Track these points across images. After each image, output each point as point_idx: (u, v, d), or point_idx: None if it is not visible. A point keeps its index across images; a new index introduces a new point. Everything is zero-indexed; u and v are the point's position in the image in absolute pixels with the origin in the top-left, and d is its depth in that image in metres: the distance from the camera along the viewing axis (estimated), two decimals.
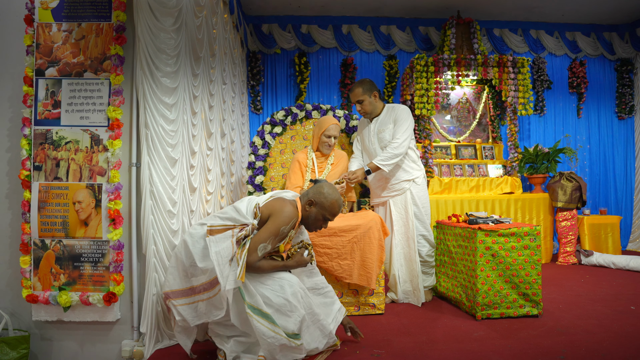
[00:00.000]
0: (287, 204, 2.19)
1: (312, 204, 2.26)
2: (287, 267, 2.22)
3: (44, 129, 2.46)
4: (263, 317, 2.03)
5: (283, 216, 2.14)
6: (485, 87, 5.63)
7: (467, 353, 2.33)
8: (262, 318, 2.02)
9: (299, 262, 2.25)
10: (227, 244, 2.05)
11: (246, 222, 2.14)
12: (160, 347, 2.46)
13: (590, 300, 3.31)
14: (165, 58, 2.51)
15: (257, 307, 2.04)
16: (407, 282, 3.30)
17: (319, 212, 2.26)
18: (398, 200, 3.33)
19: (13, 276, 2.53)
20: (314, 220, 2.28)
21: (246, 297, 2.05)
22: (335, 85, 5.74)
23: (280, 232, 2.12)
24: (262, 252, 2.08)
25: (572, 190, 4.82)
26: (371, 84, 3.36)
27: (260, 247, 2.07)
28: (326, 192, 2.26)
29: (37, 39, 2.47)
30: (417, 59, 5.06)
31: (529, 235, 2.89)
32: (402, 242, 3.31)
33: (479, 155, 5.43)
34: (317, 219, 2.27)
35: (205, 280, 2.11)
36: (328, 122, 3.39)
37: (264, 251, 2.08)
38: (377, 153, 3.35)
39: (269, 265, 2.15)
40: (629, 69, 5.93)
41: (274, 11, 5.51)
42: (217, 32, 3.61)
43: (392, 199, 3.36)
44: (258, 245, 2.07)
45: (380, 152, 3.30)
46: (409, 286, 3.29)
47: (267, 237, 2.10)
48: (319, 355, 2.27)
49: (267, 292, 2.10)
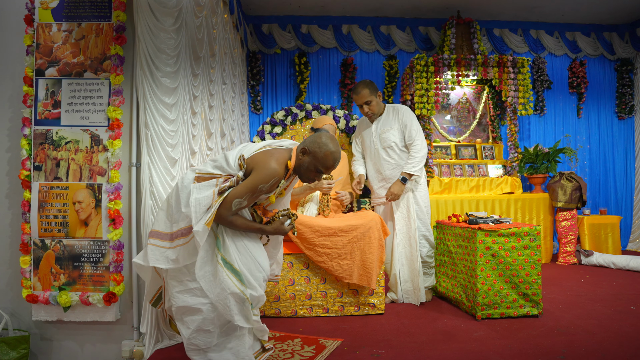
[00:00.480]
0: (272, 159, 2.04)
1: (306, 153, 2.11)
2: (263, 230, 2.12)
3: (44, 129, 2.46)
4: (233, 273, 1.97)
5: (263, 173, 2.00)
6: (485, 87, 5.63)
7: (467, 353, 2.33)
8: (232, 273, 1.97)
9: (277, 230, 2.15)
10: (208, 193, 1.99)
11: (232, 173, 2.06)
12: (160, 347, 2.46)
13: (590, 300, 3.31)
14: (165, 58, 2.51)
15: (229, 261, 1.99)
16: (407, 281, 3.30)
17: (311, 162, 2.10)
18: (400, 199, 3.33)
19: (13, 276, 2.53)
20: (305, 171, 2.13)
21: (222, 249, 2.00)
22: (335, 85, 5.74)
23: (258, 190, 2.00)
24: (237, 207, 1.99)
25: (572, 190, 4.82)
26: (374, 84, 3.39)
27: (235, 202, 1.97)
28: (322, 141, 2.10)
29: (37, 39, 2.47)
30: (417, 59, 5.06)
31: (529, 235, 2.89)
32: (403, 241, 3.32)
33: (479, 155, 5.43)
34: (309, 170, 2.12)
35: (183, 226, 2.03)
36: (323, 122, 3.39)
37: (238, 206, 1.99)
38: (379, 154, 3.37)
39: (243, 223, 2.05)
40: (629, 69, 5.93)
41: (274, 11, 5.51)
42: (217, 32, 3.61)
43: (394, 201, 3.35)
44: (233, 200, 1.97)
45: (382, 153, 3.34)
46: (409, 285, 3.30)
47: (243, 192, 1.99)
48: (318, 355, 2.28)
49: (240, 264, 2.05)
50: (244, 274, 1.99)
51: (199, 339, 2.02)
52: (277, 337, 2.60)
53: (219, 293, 1.95)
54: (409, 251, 3.30)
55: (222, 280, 1.95)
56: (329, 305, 3.00)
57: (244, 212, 2.10)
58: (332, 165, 2.11)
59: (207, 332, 2.01)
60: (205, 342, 2.02)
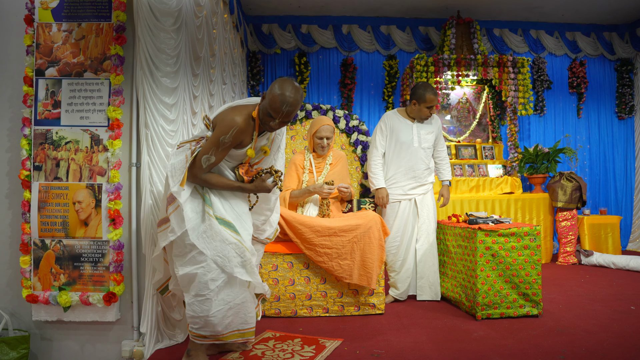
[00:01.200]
0: (231, 112, 2.06)
1: (264, 97, 2.08)
2: (243, 189, 2.15)
3: (44, 129, 2.45)
4: (227, 226, 2.04)
5: (222, 125, 2.03)
6: (485, 87, 5.63)
7: (467, 353, 2.33)
8: (225, 226, 2.04)
9: (259, 187, 2.15)
10: (181, 157, 2.05)
11: (203, 136, 2.12)
12: (160, 347, 2.46)
13: (590, 300, 3.31)
14: (165, 58, 2.51)
15: (220, 216, 2.06)
16: (423, 277, 3.37)
17: (264, 106, 2.03)
18: (426, 197, 3.45)
19: (13, 276, 2.53)
20: (262, 116, 2.06)
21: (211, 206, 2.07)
22: (335, 85, 5.74)
23: (221, 142, 2.01)
24: (206, 164, 2.03)
25: (572, 190, 4.82)
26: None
27: (203, 159, 2.01)
28: (277, 85, 2.02)
29: (37, 39, 2.46)
30: (417, 59, 5.06)
31: (529, 235, 2.89)
32: (423, 238, 3.39)
33: (479, 155, 5.43)
34: (264, 114, 2.05)
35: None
36: (320, 123, 3.33)
37: (207, 163, 2.03)
38: (417, 152, 3.41)
39: (219, 181, 2.09)
40: (629, 69, 5.93)
41: (274, 11, 5.51)
42: (217, 32, 3.61)
43: (418, 197, 3.44)
44: (202, 157, 2.02)
45: (421, 152, 3.43)
46: (425, 282, 3.36)
47: (208, 148, 2.02)
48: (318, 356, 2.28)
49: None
50: (236, 226, 2.06)
51: (196, 305, 2.04)
52: (277, 337, 2.60)
53: (217, 246, 2.01)
54: (428, 248, 3.37)
55: (218, 232, 2.00)
56: (329, 305, 3.00)
57: (224, 172, 2.14)
58: (279, 108, 1.99)
59: (204, 299, 2.03)
60: (202, 310, 2.04)
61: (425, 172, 3.44)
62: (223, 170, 2.15)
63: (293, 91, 2.01)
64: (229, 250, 2.01)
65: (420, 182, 3.42)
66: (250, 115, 2.09)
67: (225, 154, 2.08)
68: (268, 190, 2.17)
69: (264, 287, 2.31)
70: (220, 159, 2.06)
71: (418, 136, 3.44)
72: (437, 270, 3.36)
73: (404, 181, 3.43)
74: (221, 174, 2.14)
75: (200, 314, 2.05)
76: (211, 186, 2.09)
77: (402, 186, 3.43)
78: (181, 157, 2.06)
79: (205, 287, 2.03)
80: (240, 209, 2.16)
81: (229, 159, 2.15)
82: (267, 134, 2.20)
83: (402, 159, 3.43)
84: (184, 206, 1.99)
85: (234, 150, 2.11)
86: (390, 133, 3.47)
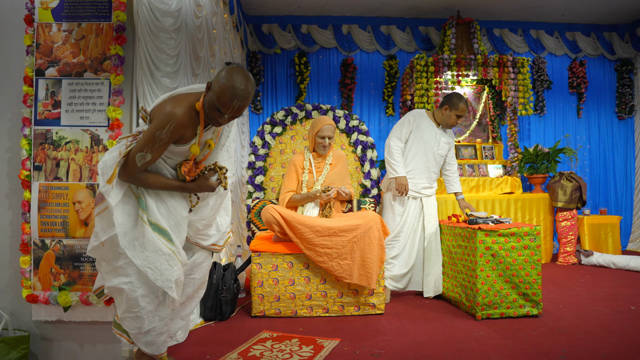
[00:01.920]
0: (169, 104, 1.81)
1: (209, 89, 1.82)
2: (185, 189, 1.92)
3: (44, 129, 2.46)
4: (161, 233, 1.82)
5: (158, 119, 1.78)
6: (485, 87, 5.63)
7: (467, 353, 2.33)
8: (160, 234, 1.82)
9: (202, 187, 1.93)
10: (115, 154, 1.82)
11: (140, 130, 1.89)
12: None
13: (590, 300, 3.31)
14: (165, 58, 2.51)
15: (155, 222, 1.83)
16: (429, 274, 3.43)
17: (211, 98, 1.79)
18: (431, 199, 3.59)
19: (13, 276, 2.53)
20: (208, 110, 1.82)
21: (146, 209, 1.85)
22: (335, 85, 5.74)
23: (157, 138, 1.76)
24: (141, 162, 1.79)
25: (572, 190, 4.82)
26: None
27: (137, 156, 1.77)
28: (223, 74, 1.77)
29: (37, 39, 2.47)
30: (417, 59, 5.06)
31: (529, 235, 2.89)
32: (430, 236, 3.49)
33: (479, 155, 5.43)
34: (210, 108, 1.80)
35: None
36: (322, 123, 3.37)
37: (142, 160, 1.79)
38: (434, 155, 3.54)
39: (157, 181, 1.86)
40: (629, 69, 5.93)
41: (274, 11, 5.51)
42: (217, 32, 3.61)
43: (424, 197, 3.55)
44: (136, 155, 1.78)
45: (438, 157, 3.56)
46: (430, 279, 3.43)
47: (143, 144, 1.77)
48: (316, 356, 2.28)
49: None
50: (171, 234, 1.84)
51: (127, 320, 1.87)
52: (275, 337, 2.60)
53: (148, 256, 1.79)
54: (434, 247, 3.46)
55: (151, 240, 1.79)
56: (329, 305, 3.00)
57: (164, 170, 1.92)
58: (229, 104, 1.76)
59: (135, 316, 1.86)
60: (135, 327, 1.88)
61: (434, 175, 3.59)
62: (162, 169, 1.91)
63: (244, 82, 1.76)
64: (162, 262, 1.79)
65: (430, 184, 3.57)
66: (192, 107, 1.84)
67: (163, 151, 1.83)
68: (212, 189, 1.97)
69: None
70: (157, 156, 1.83)
71: (438, 141, 3.55)
72: (440, 267, 3.44)
73: (418, 178, 3.52)
74: (160, 172, 1.91)
75: (132, 331, 1.90)
76: (148, 186, 1.86)
77: (416, 183, 3.51)
78: (115, 154, 1.82)
79: (135, 304, 1.84)
80: (180, 215, 1.92)
81: (170, 155, 1.90)
82: (212, 127, 1.95)
83: (421, 157, 3.54)
84: (114, 209, 1.78)
85: (174, 147, 1.86)
86: (416, 129, 3.55)
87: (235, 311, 3.11)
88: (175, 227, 1.89)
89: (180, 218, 1.92)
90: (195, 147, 1.87)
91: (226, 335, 2.67)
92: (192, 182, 1.93)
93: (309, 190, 3.34)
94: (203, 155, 1.98)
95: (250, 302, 3.04)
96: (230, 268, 3.10)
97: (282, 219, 2.96)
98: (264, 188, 3.84)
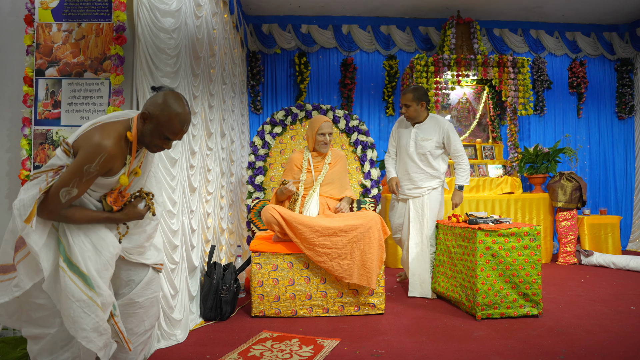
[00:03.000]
0: (97, 134, 1.70)
1: (147, 118, 1.76)
2: (112, 220, 1.80)
3: (44, 129, 2.46)
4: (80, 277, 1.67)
5: (86, 152, 1.66)
6: (485, 87, 5.63)
7: (467, 353, 2.33)
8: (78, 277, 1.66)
9: (130, 215, 1.83)
10: (34, 191, 1.66)
11: (62, 164, 1.73)
12: (160, 347, 2.46)
13: (590, 300, 3.31)
14: (165, 58, 2.51)
15: (75, 263, 1.68)
16: (415, 275, 3.49)
17: (155, 128, 1.75)
18: (422, 199, 3.59)
19: None
20: (150, 139, 1.77)
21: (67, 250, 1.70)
22: (335, 85, 5.74)
23: (85, 172, 1.66)
24: (66, 198, 1.66)
25: (572, 190, 4.82)
26: (424, 93, 3.61)
27: (62, 192, 1.65)
28: (164, 102, 1.75)
29: (37, 39, 2.47)
30: (417, 59, 5.06)
31: (529, 235, 2.89)
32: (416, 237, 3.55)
33: (479, 155, 5.43)
34: (153, 137, 1.76)
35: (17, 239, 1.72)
36: (320, 121, 3.42)
37: (68, 196, 1.66)
38: (412, 157, 3.62)
39: (83, 216, 1.73)
40: (629, 69, 5.93)
41: (274, 11, 5.51)
42: (217, 32, 3.61)
43: (412, 199, 3.61)
44: (60, 190, 1.65)
45: (415, 157, 3.60)
46: (417, 279, 3.49)
47: (69, 179, 1.65)
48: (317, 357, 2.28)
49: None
50: (93, 277, 1.68)
51: None
52: (275, 337, 2.60)
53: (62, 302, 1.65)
54: (421, 247, 3.51)
55: (65, 286, 1.64)
56: (329, 305, 3.00)
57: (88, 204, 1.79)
58: (180, 129, 1.77)
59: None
60: None
61: (420, 175, 3.60)
62: (87, 203, 1.78)
63: (184, 105, 1.78)
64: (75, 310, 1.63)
65: (416, 185, 3.61)
66: (122, 137, 1.76)
67: (90, 185, 1.73)
68: (141, 217, 1.87)
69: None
70: (83, 190, 1.71)
71: (415, 142, 3.61)
72: (428, 269, 3.45)
73: (403, 181, 3.69)
74: (84, 205, 1.78)
75: None
76: (73, 222, 1.72)
77: (402, 186, 3.68)
78: (34, 192, 1.66)
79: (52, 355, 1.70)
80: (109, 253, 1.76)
81: (96, 188, 1.78)
82: (140, 154, 1.88)
83: (400, 161, 3.73)
84: (38, 254, 1.62)
85: (102, 179, 1.75)
86: (398, 137, 3.76)
87: (235, 311, 3.11)
88: (103, 268, 1.73)
89: (109, 256, 1.76)
90: (125, 178, 1.79)
91: (226, 335, 2.67)
92: (120, 212, 1.82)
93: (306, 189, 3.36)
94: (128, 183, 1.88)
95: (250, 302, 3.04)
96: (230, 268, 3.10)
97: (282, 219, 2.96)
98: (264, 188, 3.84)
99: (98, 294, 1.68)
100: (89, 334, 1.65)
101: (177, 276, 2.60)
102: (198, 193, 3.02)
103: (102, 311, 1.68)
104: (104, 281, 1.72)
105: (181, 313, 2.58)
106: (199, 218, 3.04)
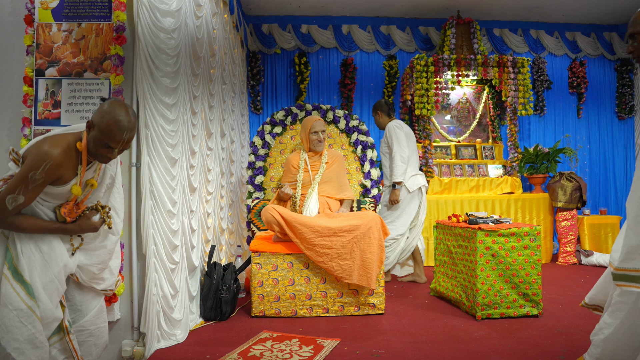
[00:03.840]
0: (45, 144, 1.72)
1: (91, 127, 1.76)
2: (64, 230, 1.79)
3: (44, 129, 2.45)
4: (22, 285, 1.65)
5: (31, 159, 1.68)
6: (485, 87, 5.63)
7: (467, 353, 2.33)
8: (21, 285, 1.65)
9: (83, 227, 1.81)
10: None
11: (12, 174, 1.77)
12: (160, 347, 2.46)
13: None
14: (165, 58, 2.51)
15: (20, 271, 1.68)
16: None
17: (97, 136, 1.74)
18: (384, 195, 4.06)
19: None
20: (95, 148, 1.77)
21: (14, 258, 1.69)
22: (335, 85, 5.74)
23: (30, 179, 1.67)
24: (13, 205, 1.67)
25: (572, 190, 4.82)
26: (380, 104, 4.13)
27: (8, 198, 1.65)
28: (105, 109, 1.74)
29: (37, 39, 2.46)
30: (417, 59, 5.06)
31: (529, 235, 2.89)
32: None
33: (479, 155, 5.43)
34: (97, 146, 1.75)
35: None
36: (311, 120, 3.49)
37: (14, 203, 1.67)
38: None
39: (32, 224, 1.72)
40: (629, 69, 5.93)
41: (274, 11, 5.51)
42: (217, 32, 3.61)
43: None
44: (6, 197, 1.65)
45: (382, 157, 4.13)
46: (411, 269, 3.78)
47: (15, 186, 1.66)
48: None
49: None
50: (35, 287, 1.67)
51: None
52: (275, 337, 2.61)
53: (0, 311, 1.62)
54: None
55: (4, 293, 1.62)
56: (329, 305, 3.00)
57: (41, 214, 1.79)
58: (119, 137, 1.73)
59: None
60: None
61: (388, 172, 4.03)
62: (39, 213, 1.78)
63: (128, 114, 1.75)
64: (11, 319, 1.60)
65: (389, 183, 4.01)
66: (71, 147, 1.77)
67: (38, 193, 1.72)
68: (95, 229, 1.86)
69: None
70: (31, 198, 1.71)
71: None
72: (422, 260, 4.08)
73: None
74: (36, 215, 1.77)
75: None
76: (22, 230, 1.71)
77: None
78: None
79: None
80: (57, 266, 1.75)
81: (48, 198, 1.78)
82: (94, 166, 1.88)
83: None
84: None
85: (53, 188, 1.76)
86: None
87: (235, 311, 3.11)
88: (49, 280, 1.71)
89: (57, 269, 1.74)
90: (77, 188, 1.79)
91: (226, 335, 2.67)
92: (73, 223, 1.81)
93: (304, 187, 3.37)
94: (84, 195, 1.88)
95: (250, 302, 3.04)
96: (230, 268, 3.10)
97: (282, 219, 2.96)
98: (264, 188, 3.84)
99: (38, 304, 1.65)
100: (22, 345, 1.61)
101: (177, 276, 2.60)
102: (198, 193, 3.02)
103: (40, 323, 1.64)
104: (48, 294, 1.70)
105: (181, 313, 2.58)
106: (199, 218, 3.04)
